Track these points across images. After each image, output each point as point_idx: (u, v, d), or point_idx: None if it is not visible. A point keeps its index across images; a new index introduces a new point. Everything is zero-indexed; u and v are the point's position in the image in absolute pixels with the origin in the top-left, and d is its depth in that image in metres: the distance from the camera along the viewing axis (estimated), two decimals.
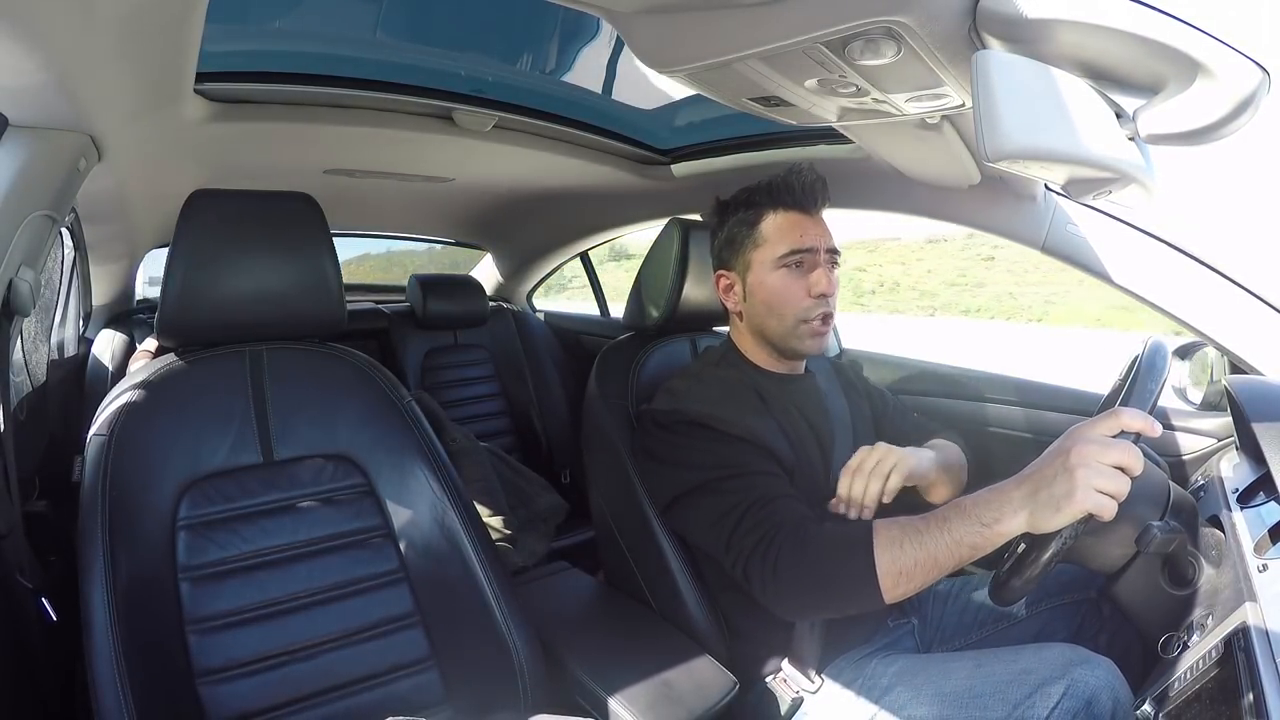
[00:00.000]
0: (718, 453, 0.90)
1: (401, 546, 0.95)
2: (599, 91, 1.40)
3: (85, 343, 1.74)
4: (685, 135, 1.58)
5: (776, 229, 1.00)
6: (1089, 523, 0.63)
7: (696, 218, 1.22)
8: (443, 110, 1.31)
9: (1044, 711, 0.75)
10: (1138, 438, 0.62)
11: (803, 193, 0.99)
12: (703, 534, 0.92)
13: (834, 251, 1.01)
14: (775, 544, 0.81)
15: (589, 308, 2.67)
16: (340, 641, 0.89)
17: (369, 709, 0.87)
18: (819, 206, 1.01)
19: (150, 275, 2.07)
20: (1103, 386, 1.05)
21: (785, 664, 0.95)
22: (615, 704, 0.86)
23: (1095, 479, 0.61)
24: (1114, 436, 0.63)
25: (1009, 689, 0.78)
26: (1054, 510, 0.63)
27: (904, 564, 0.72)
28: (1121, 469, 0.61)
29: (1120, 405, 0.68)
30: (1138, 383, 0.69)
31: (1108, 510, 0.61)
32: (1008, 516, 0.67)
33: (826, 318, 0.99)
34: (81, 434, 0.87)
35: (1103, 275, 1.09)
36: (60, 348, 1.58)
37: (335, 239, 1.00)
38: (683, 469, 0.93)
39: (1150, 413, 0.67)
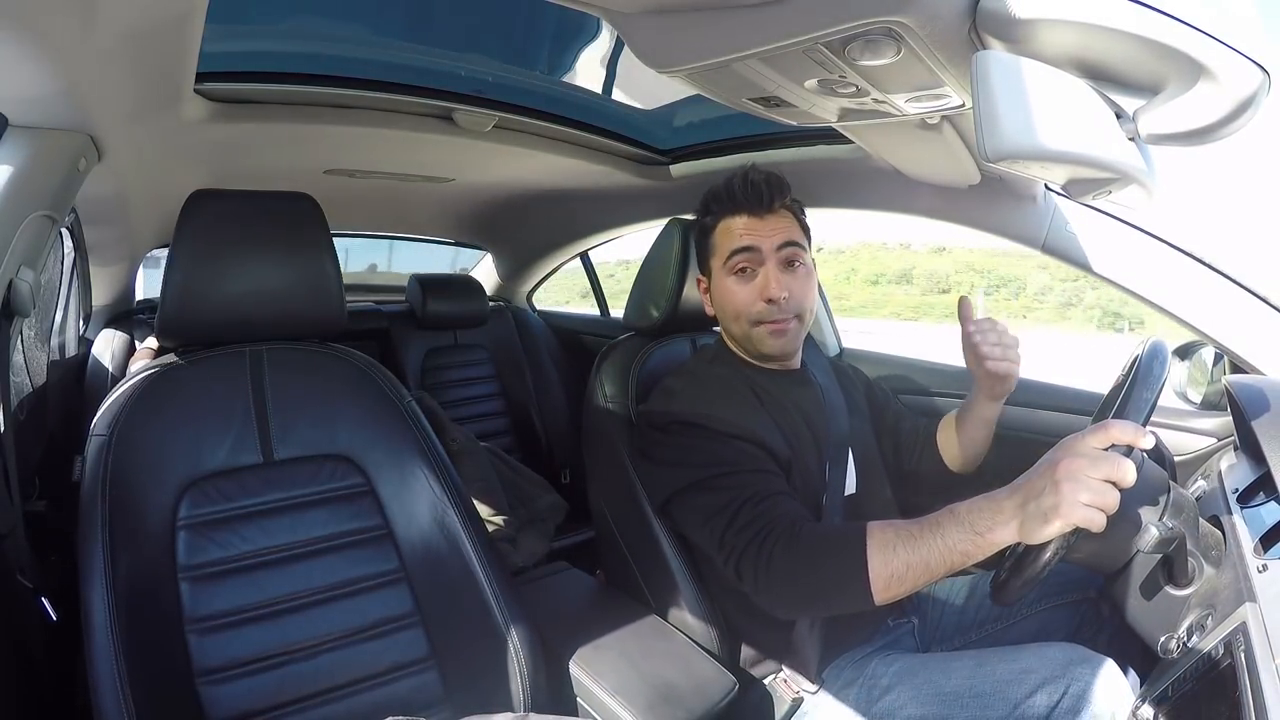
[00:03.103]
0: (712, 451, 0.90)
1: (401, 546, 0.95)
2: (599, 91, 1.40)
3: (85, 343, 1.74)
4: (685, 135, 1.58)
5: (723, 235, 1.00)
6: (1079, 534, 0.63)
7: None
8: (443, 110, 1.31)
9: (1044, 710, 0.75)
10: (1129, 450, 0.62)
11: (744, 196, 0.97)
12: (697, 531, 0.92)
13: (791, 246, 0.97)
14: (769, 542, 0.81)
15: None
16: (340, 641, 0.89)
17: (369, 709, 0.87)
18: (768, 206, 0.98)
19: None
20: (1101, 386, 1.05)
21: (785, 664, 0.95)
22: (615, 704, 0.86)
23: (1082, 494, 0.61)
24: (1105, 449, 0.63)
25: (1009, 688, 0.78)
26: (1042, 522, 0.63)
27: (895, 567, 0.72)
28: (1111, 482, 0.61)
29: (1117, 410, 0.68)
30: (1134, 389, 0.69)
31: (1096, 523, 0.61)
32: (999, 526, 0.67)
33: (784, 320, 0.97)
34: (81, 434, 0.87)
35: (1103, 275, 1.09)
36: (60, 348, 1.58)
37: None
38: (677, 468, 0.93)
39: (1146, 418, 0.66)
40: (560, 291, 2.75)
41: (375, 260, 2.91)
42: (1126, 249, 1.08)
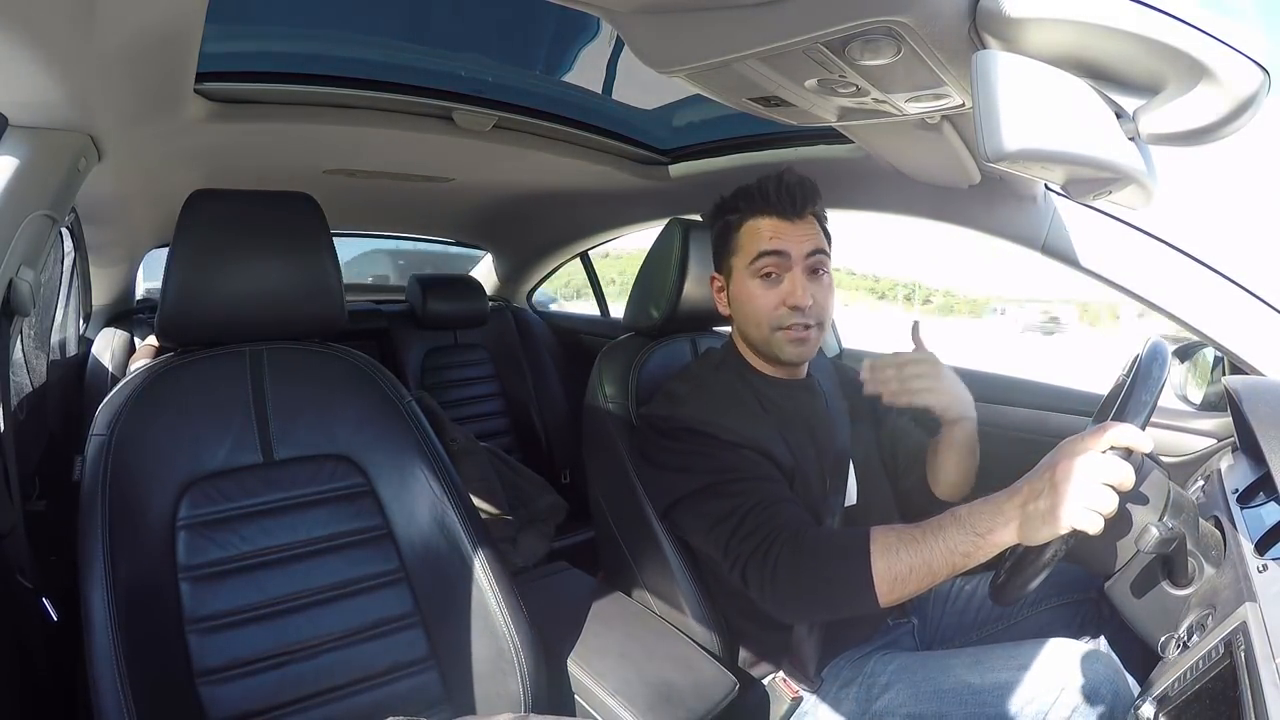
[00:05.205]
0: (716, 458, 0.90)
1: (401, 546, 0.95)
2: (599, 91, 1.40)
3: (85, 342, 1.74)
4: (685, 135, 1.58)
5: (750, 235, 0.97)
6: (1078, 535, 0.63)
7: (696, 218, 1.22)
8: (443, 110, 1.31)
9: (1043, 709, 0.75)
10: (1129, 453, 0.63)
11: (778, 197, 0.95)
12: (701, 538, 0.92)
13: (818, 254, 0.96)
14: (774, 548, 0.81)
15: None
16: (340, 641, 0.89)
17: (369, 709, 0.87)
18: (800, 211, 0.95)
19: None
20: (1102, 387, 1.05)
21: (785, 664, 0.95)
22: (615, 704, 0.86)
23: (1080, 497, 0.61)
24: (1104, 452, 0.63)
25: (1008, 686, 0.78)
26: (1041, 524, 0.64)
27: (899, 570, 0.73)
28: (1110, 485, 0.61)
29: (1116, 412, 0.68)
30: (1134, 390, 0.69)
31: (1094, 526, 0.61)
32: (1000, 528, 0.68)
33: (806, 327, 0.95)
34: (81, 434, 0.87)
35: (1103, 276, 1.09)
36: (60, 347, 1.58)
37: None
38: (682, 474, 0.93)
39: (1146, 420, 0.67)
40: None
41: (384, 272, 2.93)
42: (1126, 249, 1.08)
